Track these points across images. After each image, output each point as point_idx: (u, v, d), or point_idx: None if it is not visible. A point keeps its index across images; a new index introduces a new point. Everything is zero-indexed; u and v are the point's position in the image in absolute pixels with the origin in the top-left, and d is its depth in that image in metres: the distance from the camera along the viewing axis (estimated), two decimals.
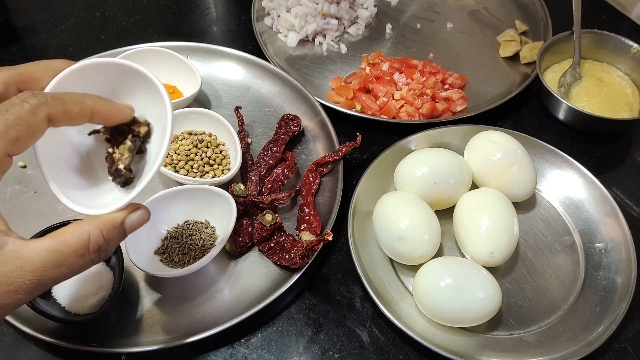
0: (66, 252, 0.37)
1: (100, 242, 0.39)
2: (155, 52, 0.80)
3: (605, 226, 0.67)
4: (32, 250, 0.36)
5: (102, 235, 0.39)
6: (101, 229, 0.39)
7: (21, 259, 0.36)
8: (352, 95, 0.82)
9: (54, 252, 0.37)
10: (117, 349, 0.57)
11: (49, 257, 0.37)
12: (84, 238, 0.38)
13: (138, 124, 0.44)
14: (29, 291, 0.36)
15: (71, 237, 0.38)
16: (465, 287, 0.58)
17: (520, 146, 0.69)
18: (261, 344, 0.60)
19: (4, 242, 0.36)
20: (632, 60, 0.84)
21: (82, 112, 0.39)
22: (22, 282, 0.35)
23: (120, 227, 0.41)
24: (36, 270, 0.36)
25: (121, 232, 0.41)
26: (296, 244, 0.64)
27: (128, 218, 0.41)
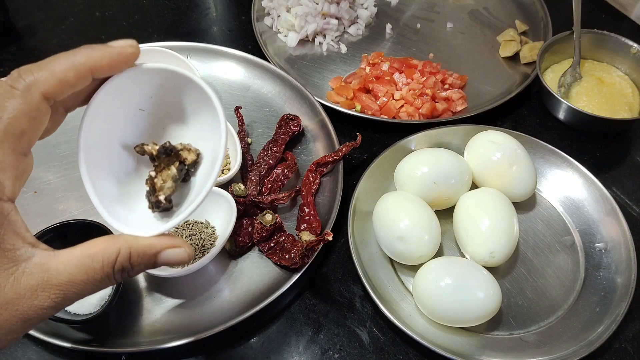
0: (93, 267, 0.35)
1: (125, 264, 0.36)
2: (155, 52, 0.80)
3: (606, 226, 0.67)
4: (59, 263, 0.34)
5: (130, 258, 0.37)
6: (131, 251, 0.37)
7: (48, 272, 0.34)
8: (352, 95, 0.82)
9: (82, 266, 0.35)
10: (117, 349, 0.57)
11: (77, 271, 0.35)
12: (112, 255, 0.36)
13: (188, 151, 0.40)
14: (54, 305, 0.34)
15: (101, 252, 0.36)
16: (465, 287, 0.58)
17: (520, 146, 0.69)
18: (261, 344, 0.60)
19: (31, 254, 0.34)
20: (632, 60, 0.84)
21: (80, 74, 0.35)
22: (48, 297, 0.34)
23: (152, 257, 0.38)
24: (62, 285, 0.34)
25: (151, 262, 0.38)
26: (296, 244, 0.64)
27: (165, 252, 0.38)
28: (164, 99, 0.41)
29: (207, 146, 0.41)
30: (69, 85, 0.35)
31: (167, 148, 0.40)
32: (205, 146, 0.41)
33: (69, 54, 0.35)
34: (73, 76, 0.34)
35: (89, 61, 0.35)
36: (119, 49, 0.37)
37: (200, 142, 0.41)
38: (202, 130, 0.41)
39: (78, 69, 0.35)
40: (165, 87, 0.41)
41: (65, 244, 0.60)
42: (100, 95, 0.39)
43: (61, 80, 0.34)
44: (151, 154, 0.41)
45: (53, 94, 0.34)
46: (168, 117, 0.43)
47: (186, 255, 0.38)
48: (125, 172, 0.42)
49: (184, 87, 0.40)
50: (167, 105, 0.42)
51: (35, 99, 0.33)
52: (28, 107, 0.33)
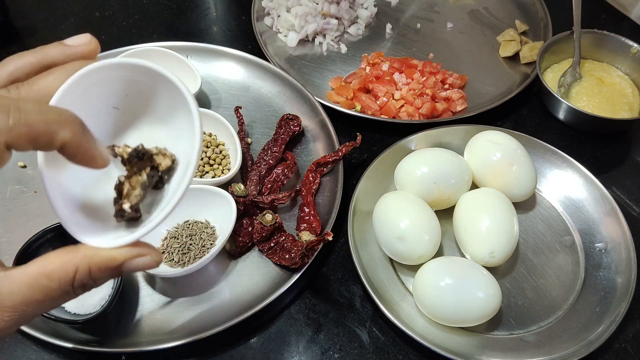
0: (49, 287, 0.33)
1: (85, 280, 0.34)
2: (155, 52, 0.80)
3: (605, 226, 0.67)
4: (12, 284, 0.32)
5: (90, 274, 0.34)
6: (90, 267, 0.34)
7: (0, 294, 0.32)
8: (352, 95, 0.82)
9: (36, 286, 0.33)
10: (117, 349, 0.57)
11: (31, 292, 0.33)
12: (69, 274, 0.33)
13: (163, 155, 0.37)
14: (9, 326, 0.33)
15: (57, 271, 0.33)
16: (465, 287, 0.58)
17: (520, 146, 0.69)
18: (261, 344, 0.60)
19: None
20: (632, 60, 0.84)
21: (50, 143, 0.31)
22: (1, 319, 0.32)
23: (115, 268, 0.35)
24: (16, 307, 0.32)
25: (115, 273, 0.35)
26: (296, 244, 0.64)
27: (130, 262, 0.35)
28: (139, 97, 0.38)
29: (182, 150, 0.38)
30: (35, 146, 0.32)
31: (139, 151, 0.36)
32: (180, 150, 0.38)
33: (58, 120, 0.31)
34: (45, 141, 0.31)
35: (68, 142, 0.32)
36: (95, 157, 0.34)
37: (176, 145, 0.38)
38: (179, 133, 0.38)
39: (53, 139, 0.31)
40: (141, 84, 0.37)
41: (65, 244, 0.61)
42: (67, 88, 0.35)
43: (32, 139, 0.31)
44: (122, 156, 0.37)
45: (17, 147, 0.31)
46: (144, 117, 0.39)
47: (153, 262, 0.36)
48: (93, 176, 0.38)
49: (161, 85, 0.37)
50: (143, 103, 0.38)
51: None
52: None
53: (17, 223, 0.67)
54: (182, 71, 0.79)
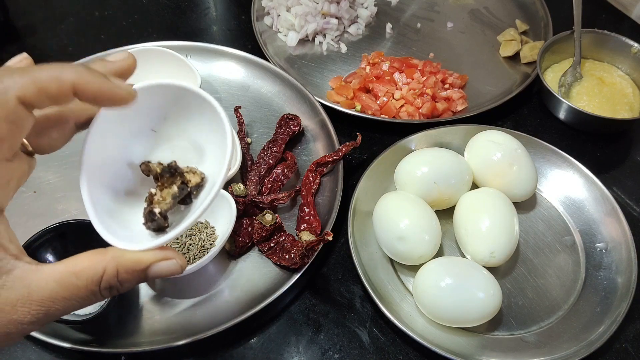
0: (77, 285, 0.34)
1: (112, 281, 0.35)
2: (155, 52, 0.79)
3: (606, 226, 0.67)
4: (41, 278, 0.33)
5: (117, 275, 0.35)
6: (118, 268, 0.35)
7: (28, 287, 0.33)
8: (352, 94, 0.82)
9: (65, 283, 0.33)
10: (116, 349, 0.57)
11: (59, 288, 0.33)
12: (98, 274, 0.34)
13: (193, 173, 0.39)
14: (34, 321, 0.33)
15: (85, 270, 0.34)
16: (466, 287, 0.58)
17: (520, 146, 0.68)
18: (261, 344, 0.60)
19: (12, 266, 0.33)
20: (632, 60, 0.84)
21: (61, 90, 0.32)
22: (28, 312, 0.33)
23: (141, 271, 0.36)
24: (44, 301, 0.33)
25: (141, 277, 0.36)
26: (296, 244, 0.63)
27: (155, 265, 0.36)
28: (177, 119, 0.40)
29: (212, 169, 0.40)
30: (49, 97, 0.32)
31: (172, 168, 0.39)
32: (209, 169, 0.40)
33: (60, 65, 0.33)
34: (55, 88, 0.32)
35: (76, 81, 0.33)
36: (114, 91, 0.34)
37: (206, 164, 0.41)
38: (210, 153, 0.40)
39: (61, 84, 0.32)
40: (180, 106, 0.40)
41: (65, 244, 0.61)
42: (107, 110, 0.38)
43: (41, 88, 0.32)
44: (156, 172, 0.40)
45: (30, 100, 0.32)
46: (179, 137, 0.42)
47: (178, 266, 0.37)
48: (126, 189, 0.41)
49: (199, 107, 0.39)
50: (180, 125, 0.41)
51: (10, 103, 0.31)
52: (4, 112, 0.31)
53: (17, 223, 0.66)
54: (182, 71, 0.79)
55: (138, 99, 0.37)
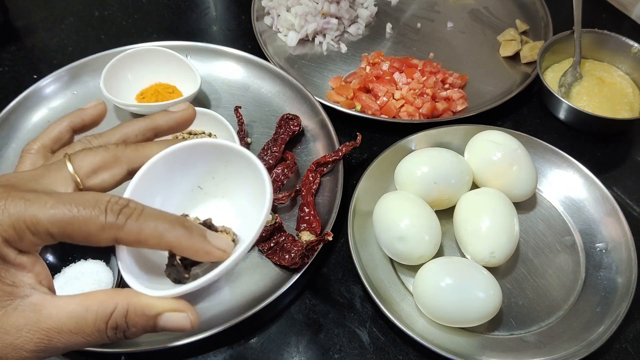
0: (85, 318, 0.33)
1: (120, 321, 0.34)
2: (155, 52, 0.79)
3: (606, 226, 0.67)
4: (53, 307, 0.33)
5: (125, 316, 0.34)
6: (129, 308, 0.34)
7: (39, 314, 0.33)
8: (352, 94, 0.82)
9: (74, 315, 0.33)
10: (116, 349, 0.57)
11: (68, 320, 0.33)
12: (108, 309, 0.34)
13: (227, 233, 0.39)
14: (35, 350, 0.33)
15: (97, 304, 0.34)
16: (466, 287, 0.58)
17: (520, 146, 0.68)
18: (261, 344, 0.60)
19: (29, 293, 0.33)
20: (632, 59, 0.84)
21: (157, 246, 0.34)
22: (31, 339, 0.32)
23: (151, 318, 0.35)
24: (50, 331, 0.33)
25: (150, 324, 0.35)
26: (296, 244, 0.63)
27: (166, 315, 0.35)
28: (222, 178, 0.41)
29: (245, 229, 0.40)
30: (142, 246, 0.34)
31: (207, 224, 0.38)
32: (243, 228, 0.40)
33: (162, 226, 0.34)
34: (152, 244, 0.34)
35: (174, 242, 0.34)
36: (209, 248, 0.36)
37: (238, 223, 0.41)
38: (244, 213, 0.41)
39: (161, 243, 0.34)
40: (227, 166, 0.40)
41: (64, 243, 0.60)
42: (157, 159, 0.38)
43: (139, 241, 0.34)
44: None
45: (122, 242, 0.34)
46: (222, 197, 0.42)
47: (188, 322, 0.36)
48: None
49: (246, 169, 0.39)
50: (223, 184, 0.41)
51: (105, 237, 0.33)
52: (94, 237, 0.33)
53: None
54: (182, 71, 0.79)
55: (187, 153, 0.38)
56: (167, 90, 0.79)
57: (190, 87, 0.78)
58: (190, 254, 0.35)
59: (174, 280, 0.38)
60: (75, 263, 0.60)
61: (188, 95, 0.76)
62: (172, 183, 0.40)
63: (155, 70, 0.80)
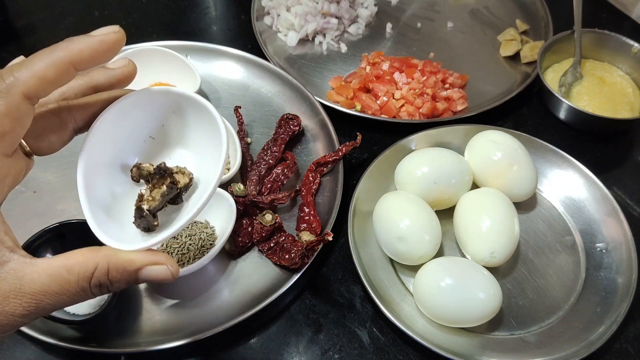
0: (68, 279, 0.34)
1: (102, 279, 0.35)
2: (155, 52, 0.79)
3: (606, 226, 0.67)
4: (34, 271, 0.34)
5: (107, 273, 0.35)
6: (109, 266, 0.35)
7: (21, 279, 0.33)
8: (352, 94, 0.82)
9: (57, 277, 0.34)
10: (116, 349, 0.57)
11: (51, 282, 0.34)
12: (89, 270, 0.35)
13: (182, 174, 0.40)
14: (26, 314, 0.34)
15: (77, 265, 0.35)
16: (466, 287, 0.57)
17: (521, 146, 0.68)
18: (261, 344, 0.60)
19: (7, 259, 0.33)
20: (633, 59, 0.83)
21: (60, 70, 0.34)
22: (20, 304, 0.33)
23: (132, 273, 0.36)
24: (35, 294, 0.33)
25: (132, 278, 0.37)
26: (296, 244, 0.63)
27: (147, 269, 0.37)
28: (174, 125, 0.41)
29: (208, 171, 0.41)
30: (50, 82, 0.34)
31: (162, 169, 0.40)
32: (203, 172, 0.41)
33: (49, 49, 0.34)
34: (53, 73, 0.34)
35: (68, 55, 0.34)
36: (101, 37, 0.35)
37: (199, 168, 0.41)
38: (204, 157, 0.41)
39: (58, 65, 0.34)
40: (177, 113, 0.40)
41: (64, 244, 0.61)
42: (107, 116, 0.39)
43: (41, 77, 0.33)
44: (146, 173, 0.41)
45: (34, 92, 0.33)
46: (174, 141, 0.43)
47: (169, 273, 0.37)
48: (122, 192, 0.41)
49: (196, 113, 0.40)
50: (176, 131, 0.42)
51: (15, 100, 0.32)
52: (8, 108, 0.32)
53: (17, 223, 0.65)
54: (182, 70, 0.79)
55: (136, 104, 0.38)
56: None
57: (190, 87, 0.78)
58: (91, 55, 0.35)
59: (144, 229, 0.39)
60: None
61: None
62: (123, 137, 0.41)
63: (155, 70, 0.79)
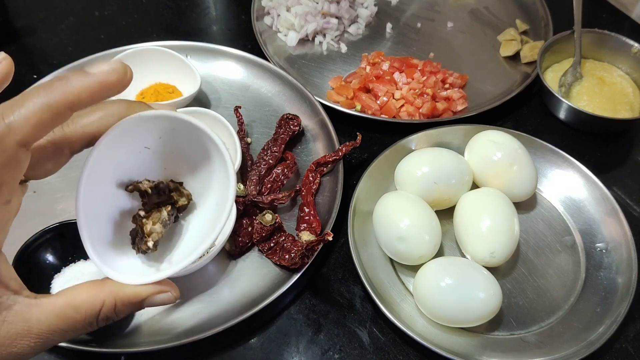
0: (75, 318, 0.35)
1: (110, 313, 0.36)
2: (155, 52, 0.79)
3: (606, 226, 0.67)
4: (41, 313, 0.34)
5: (115, 308, 0.36)
6: (116, 302, 0.36)
7: (28, 322, 0.34)
8: (352, 94, 0.82)
9: (64, 317, 0.35)
10: (116, 350, 0.56)
11: (58, 322, 0.34)
12: (96, 307, 0.36)
13: (180, 193, 0.40)
14: (32, 352, 0.34)
15: (84, 304, 0.35)
16: (466, 287, 0.57)
17: (520, 146, 0.68)
18: (261, 344, 0.60)
19: (12, 302, 0.34)
20: (632, 59, 0.84)
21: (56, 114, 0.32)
22: (27, 345, 0.34)
23: (138, 304, 0.37)
24: (42, 334, 0.34)
25: (137, 307, 0.38)
26: (296, 244, 0.63)
27: (151, 298, 0.37)
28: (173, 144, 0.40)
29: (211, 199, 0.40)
30: (46, 127, 0.32)
31: (160, 188, 0.39)
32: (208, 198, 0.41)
33: (44, 89, 0.31)
34: (48, 117, 0.31)
35: (64, 98, 0.31)
36: (100, 78, 0.33)
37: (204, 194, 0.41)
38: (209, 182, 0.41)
39: (53, 109, 0.31)
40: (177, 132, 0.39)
41: (64, 244, 0.61)
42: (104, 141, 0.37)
43: (36, 124, 0.31)
44: (144, 191, 0.40)
45: (31, 139, 0.31)
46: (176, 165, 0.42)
47: (172, 298, 0.38)
48: (121, 212, 0.41)
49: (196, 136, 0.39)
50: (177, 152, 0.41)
51: (10, 150, 0.31)
52: (3, 159, 0.31)
53: (16, 223, 0.65)
54: (182, 71, 0.79)
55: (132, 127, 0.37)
56: (167, 90, 0.79)
57: (190, 87, 0.78)
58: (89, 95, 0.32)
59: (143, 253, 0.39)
60: (75, 263, 0.60)
61: (188, 96, 0.76)
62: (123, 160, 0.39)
63: (155, 70, 0.80)
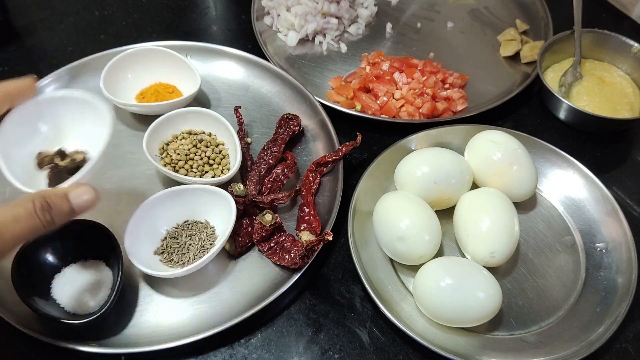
0: (18, 208, 0.43)
1: (42, 202, 0.43)
2: (155, 52, 0.79)
3: (606, 226, 0.67)
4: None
5: (44, 198, 0.44)
6: (43, 195, 0.44)
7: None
8: (352, 94, 0.82)
9: (7, 211, 0.42)
10: (116, 349, 0.57)
11: (3, 213, 0.42)
12: (29, 199, 0.43)
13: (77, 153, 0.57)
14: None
15: (20, 200, 0.43)
16: (466, 287, 0.57)
17: (520, 146, 0.68)
18: (261, 344, 0.60)
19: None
20: (632, 59, 0.84)
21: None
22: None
23: (63, 196, 0.45)
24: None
25: (64, 201, 0.45)
26: (296, 244, 0.63)
27: (72, 191, 0.46)
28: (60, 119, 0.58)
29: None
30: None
31: (62, 152, 0.56)
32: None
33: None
34: None
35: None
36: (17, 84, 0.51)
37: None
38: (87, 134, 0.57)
39: None
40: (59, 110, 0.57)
41: (64, 244, 0.61)
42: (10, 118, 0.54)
43: None
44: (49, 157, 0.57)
45: None
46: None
47: (93, 191, 0.46)
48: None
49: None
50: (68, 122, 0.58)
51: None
52: None
53: None
54: (182, 71, 0.79)
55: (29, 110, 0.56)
56: (167, 90, 0.79)
57: (190, 87, 0.78)
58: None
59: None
60: (75, 263, 0.60)
61: (188, 96, 0.76)
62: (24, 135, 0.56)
63: (155, 70, 0.80)
